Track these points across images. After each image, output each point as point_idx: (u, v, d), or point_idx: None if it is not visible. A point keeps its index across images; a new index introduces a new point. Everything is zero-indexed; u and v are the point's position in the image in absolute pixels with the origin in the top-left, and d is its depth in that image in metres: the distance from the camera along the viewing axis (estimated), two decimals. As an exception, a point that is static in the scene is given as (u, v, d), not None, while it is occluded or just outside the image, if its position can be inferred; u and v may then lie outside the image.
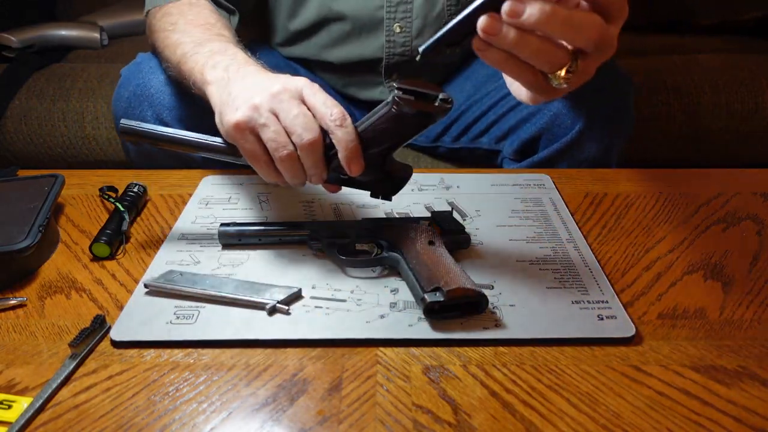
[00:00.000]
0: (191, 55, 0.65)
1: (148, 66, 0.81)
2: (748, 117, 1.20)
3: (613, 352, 0.51)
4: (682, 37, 1.46)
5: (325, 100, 0.53)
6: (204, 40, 0.66)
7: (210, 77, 0.60)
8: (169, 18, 0.74)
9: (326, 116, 0.52)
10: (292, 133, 0.53)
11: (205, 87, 0.60)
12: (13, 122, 1.22)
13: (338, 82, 1.01)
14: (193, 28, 0.70)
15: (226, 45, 0.65)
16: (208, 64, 0.61)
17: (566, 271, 0.61)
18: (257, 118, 0.53)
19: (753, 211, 0.72)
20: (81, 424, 0.45)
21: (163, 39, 0.72)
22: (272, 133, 0.53)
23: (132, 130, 0.60)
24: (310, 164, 0.54)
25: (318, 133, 0.53)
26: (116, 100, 0.82)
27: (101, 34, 1.45)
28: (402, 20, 0.89)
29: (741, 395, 0.47)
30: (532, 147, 0.87)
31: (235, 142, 0.55)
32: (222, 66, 0.60)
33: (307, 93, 0.54)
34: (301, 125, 0.52)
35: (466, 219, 0.70)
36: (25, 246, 0.59)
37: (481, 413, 0.46)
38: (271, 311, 0.55)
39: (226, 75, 0.59)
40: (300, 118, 0.52)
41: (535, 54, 0.42)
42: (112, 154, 1.24)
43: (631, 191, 0.77)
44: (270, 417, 0.45)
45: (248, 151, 0.55)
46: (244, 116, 0.53)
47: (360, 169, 0.54)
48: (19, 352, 0.52)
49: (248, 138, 0.54)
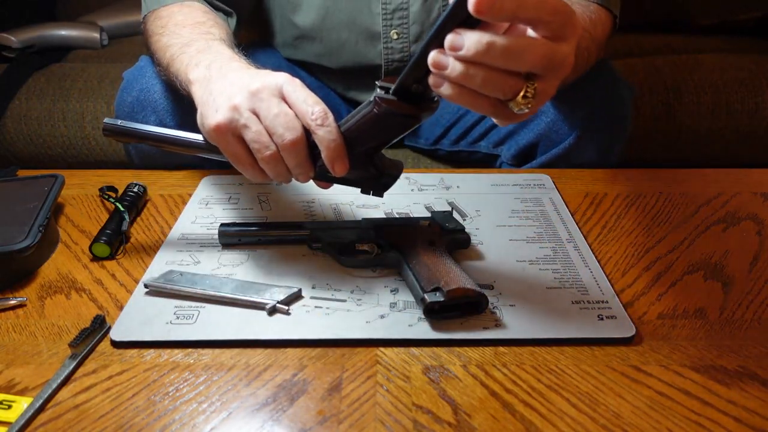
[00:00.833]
0: (178, 56, 0.64)
1: (151, 70, 0.80)
2: (748, 117, 1.20)
3: (613, 352, 0.51)
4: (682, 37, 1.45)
5: (305, 97, 0.52)
6: (191, 40, 0.66)
7: (192, 76, 0.59)
8: (159, 21, 0.74)
9: (307, 115, 0.51)
10: (273, 133, 0.51)
11: (189, 86, 0.60)
12: (13, 122, 1.22)
13: (339, 86, 1.01)
14: (182, 29, 0.70)
15: (211, 42, 0.64)
16: (191, 63, 0.61)
17: (566, 271, 0.61)
18: (237, 119, 0.52)
19: (753, 211, 0.72)
20: (81, 424, 0.45)
21: (154, 43, 0.72)
22: (253, 134, 0.52)
23: (116, 129, 0.60)
24: (294, 164, 0.53)
25: (300, 132, 0.51)
26: (119, 105, 0.82)
27: (101, 34, 1.45)
28: (399, 27, 0.89)
29: (741, 395, 0.47)
30: (530, 152, 0.87)
31: (217, 144, 0.55)
32: (204, 64, 0.59)
33: (288, 90, 0.52)
34: (282, 125, 0.51)
35: (466, 219, 0.70)
36: (25, 246, 0.59)
37: (481, 413, 0.46)
38: (271, 311, 0.55)
39: (208, 73, 0.58)
40: (281, 117, 0.51)
41: (485, 84, 0.42)
42: (112, 154, 1.24)
43: (631, 191, 0.77)
44: (270, 417, 0.45)
45: (231, 154, 0.54)
46: (224, 118, 0.52)
47: (344, 169, 0.52)
48: (19, 352, 0.52)
49: (230, 140, 0.53)
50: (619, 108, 0.82)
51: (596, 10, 0.74)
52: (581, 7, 0.73)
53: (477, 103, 0.44)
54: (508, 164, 0.90)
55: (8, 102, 1.22)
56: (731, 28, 1.50)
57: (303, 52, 0.97)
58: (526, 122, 0.85)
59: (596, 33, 0.72)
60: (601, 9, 0.75)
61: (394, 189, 0.58)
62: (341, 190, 0.60)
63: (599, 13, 0.74)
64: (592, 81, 0.78)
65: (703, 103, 1.20)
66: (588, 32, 0.70)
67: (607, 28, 0.76)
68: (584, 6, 0.73)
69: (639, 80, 1.21)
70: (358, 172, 0.55)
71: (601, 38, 0.74)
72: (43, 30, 1.40)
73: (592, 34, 0.71)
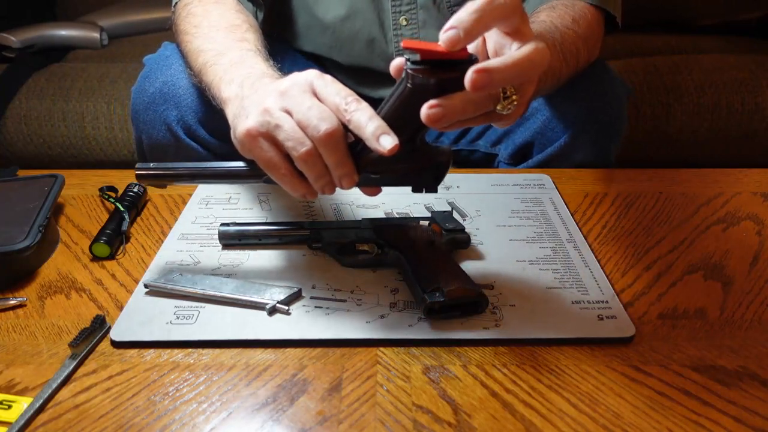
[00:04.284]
0: (211, 65, 0.62)
1: (177, 62, 0.78)
2: (748, 117, 1.20)
3: (613, 352, 0.51)
4: (682, 37, 1.46)
5: (338, 90, 0.48)
6: (224, 49, 0.63)
7: (226, 94, 0.57)
8: (192, 20, 0.70)
9: (341, 105, 0.47)
10: (306, 126, 0.47)
11: (222, 105, 0.58)
12: (13, 122, 1.22)
13: (351, 81, 1.00)
14: (216, 33, 0.67)
15: (246, 54, 0.61)
16: (224, 78, 0.59)
17: (566, 271, 0.61)
18: (269, 121, 0.49)
19: (753, 211, 0.72)
20: (81, 424, 0.45)
21: (186, 43, 0.70)
22: (286, 132, 0.48)
23: (149, 175, 0.56)
24: (334, 162, 0.48)
25: (336, 122, 0.47)
26: (138, 93, 0.79)
27: (101, 34, 1.45)
28: (408, 12, 0.89)
29: (741, 395, 0.47)
30: (527, 151, 0.87)
31: (251, 152, 0.51)
32: (237, 81, 0.57)
33: (319, 84, 0.49)
34: (316, 116, 0.47)
35: (466, 219, 0.70)
36: (25, 246, 0.59)
37: (481, 413, 0.46)
38: (271, 311, 0.55)
39: (240, 92, 0.55)
40: (314, 109, 0.47)
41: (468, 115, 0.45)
42: (112, 154, 1.24)
43: (631, 191, 0.77)
44: (270, 417, 0.45)
45: (265, 161, 0.50)
46: (255, 122, 0.49)
47: (394, 144, 0.45)
48: (19, 352, 0.52)
49: (263, 145, 0.50)
50: (615, 107, 0.82)
51: (582, 8, 0.74)
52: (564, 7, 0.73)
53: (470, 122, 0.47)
54: (506, 164, 0.90)
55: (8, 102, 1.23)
56: (731, 28, 1.50)
57: (313, 44, 0.97)
58: (521, 121, 0.85)
59: (582, 30, 0.72)
60: (589, 7, 0.75)
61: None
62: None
63: (585, 11, 0.74)
64: (587, 80, 0.78)
65: (703, 103, 1.20)
66: (571, 30, 0.70)
67: (594, 25, 0.76)
68: (568, 6, 0.73)
69: (639, 80, 1.21)
70: (403, 165, 0.50)
71: (588, 35, 0.74)
72: (43, 30, 1.40)
73: (577, 31, 0.71)
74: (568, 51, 0.69)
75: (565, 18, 0.71)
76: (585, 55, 0.74)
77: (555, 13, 0.71)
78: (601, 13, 0.77)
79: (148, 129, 0.80)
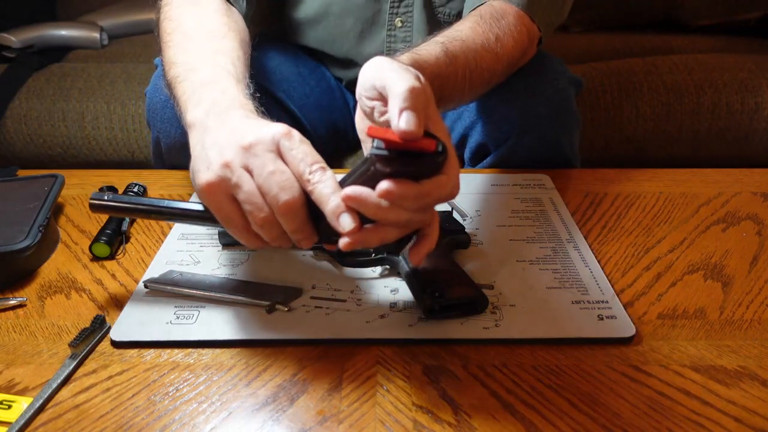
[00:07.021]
0: (181, 81, 0.58)
1: None
2: (748, 117, 1.20)
3: (613, 352, 0.51)
4: (682, 37, 1.46)
5: (304, 155, 0.46)
6: (197, 63, 0.59)
7: (190, 118, 0.53)
8: (167, 25, 0.66)
9: (304, 174, 0.45)
10: (266, 193, 0.45)
11: (186, 127, 0.54)
12: (13, 122, 1.22)
13: (344, 75, 1.01)
14: (190, 43, 0.63)
15: (218, 73, 0.57)
16: (192, 99, 0.54)
17: (566, 271, 0.61)
18: (230, 178, 0.46)
19: (753, 211, 0.72)
20: (81, 424, 0.45)
21: (162, 50, 0.66)
22: (245, 194, 0.46)
23: (103, 206, 0.54)
24: (292, 228, 0.47)
25: (297, 192, 0.45)
26: (153, 92, 0.77)
27: (101, 34, 1.45)
28: (404, 15, 0.89)
29: (741, 395, 0.47)
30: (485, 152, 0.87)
31: (208, 204, 0.49)
32: (204, 107, 0.52)
33: (285, 145, 0.46)
34: (277, 184, 0.45)
35: (466, 219, 0.70)
36: (25, 246, 0.59)
37: (481, 413, 0.46)
38: (271, 311, 0.55)
39: (205, 120, 0.51)
40: (276, 175, 0.45)
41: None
42: (112, 154, 1.24)
43: (631, 191, 0.77)
44: (270, 417, 0.45)
45: (222, 216, 0.48)
46: (215, 176, 0.46)
47: (353, 226, 0.45)
48: (19, 352, 0.52)
49: (221, 200, 0.47)
50: (561, 101, 0.81)
51: (511, 21, 0.72)
52: (492, 20, 0.71)
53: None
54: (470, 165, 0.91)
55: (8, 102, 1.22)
56: (731, 28, 1.50)
57: (305, 38, 0.97)
58: (472, 124, 0.85)
59: (503, 50, 0.70)
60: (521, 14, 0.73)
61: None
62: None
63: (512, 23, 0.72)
64: (525, 78, 0.79)
65: (703, 103, 1.20)
66: (491, 52, 0.69)
67: (524, 35, 0.74)
68: (495, 17, 0.71)
69: (639, 80, 1.21)
70: None
71: (512, 52, 0.72)
72: (43, 30, 1.40)
73: (497, 53, 0.69)
74: (477, 73, 0.68)
75: (486, 37, 0.69)
76: (503, 69, 0.73)
77: (480, 29, 0.69)
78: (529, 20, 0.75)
79: (166, 128, 0.79)
